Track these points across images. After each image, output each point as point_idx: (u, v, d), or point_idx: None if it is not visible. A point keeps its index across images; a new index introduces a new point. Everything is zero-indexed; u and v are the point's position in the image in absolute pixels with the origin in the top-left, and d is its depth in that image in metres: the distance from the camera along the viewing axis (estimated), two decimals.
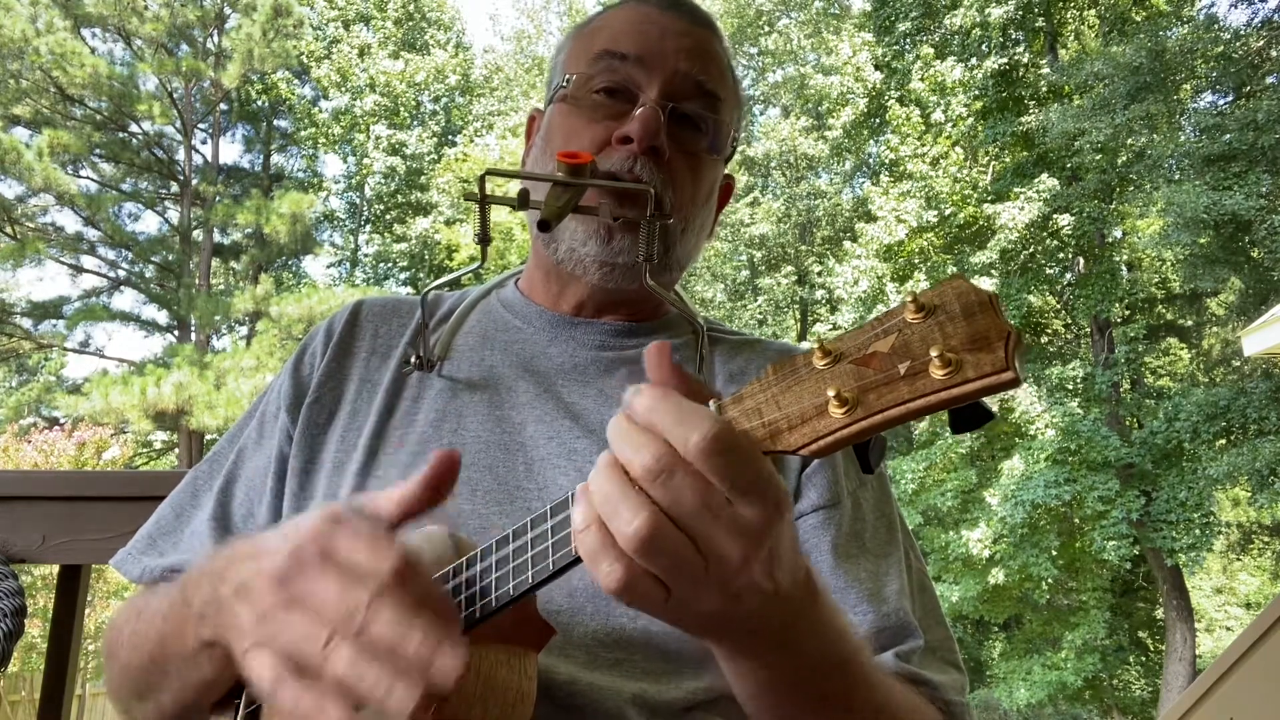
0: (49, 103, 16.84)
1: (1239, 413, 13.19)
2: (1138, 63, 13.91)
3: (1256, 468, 12.44)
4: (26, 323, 18.19)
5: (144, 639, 0.81)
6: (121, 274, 18.68)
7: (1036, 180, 15.05)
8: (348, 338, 1.08)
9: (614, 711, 0.79)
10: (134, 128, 18.10)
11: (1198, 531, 13.51)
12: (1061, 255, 16.04)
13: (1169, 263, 16.49)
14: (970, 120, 16.34)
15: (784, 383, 0.55)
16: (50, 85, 16.42)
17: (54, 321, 18.25)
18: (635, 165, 0.96)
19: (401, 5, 22.87)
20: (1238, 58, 14.02)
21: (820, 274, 18.60)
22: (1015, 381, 0.48)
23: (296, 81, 21.69)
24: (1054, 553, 13.95)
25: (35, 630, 8.87)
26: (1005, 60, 16.08)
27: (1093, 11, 17.59)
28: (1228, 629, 20.67)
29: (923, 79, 16.36)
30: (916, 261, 16.22)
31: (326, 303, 16.09)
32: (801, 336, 20.00)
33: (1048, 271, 16.24)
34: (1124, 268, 16.55)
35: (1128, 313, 16.38)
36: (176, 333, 18.79)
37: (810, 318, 20.40)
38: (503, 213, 12.91)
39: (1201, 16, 15.08)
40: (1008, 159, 16.98)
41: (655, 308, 1.09)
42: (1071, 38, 18.11)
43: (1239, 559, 21.07)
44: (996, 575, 13.96)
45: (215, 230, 18.87)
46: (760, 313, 19.86)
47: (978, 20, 16.02)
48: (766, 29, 22.60)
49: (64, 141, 16.26)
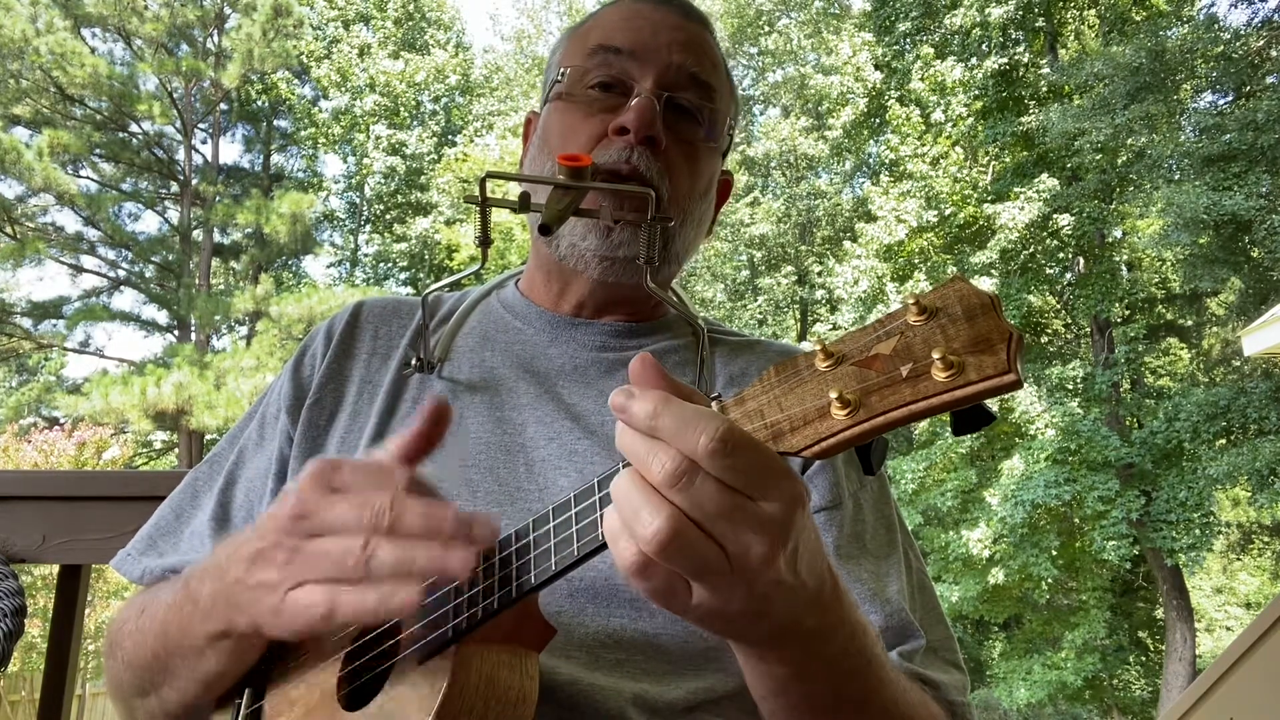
0: (49, 103, 16.84)
1: (1239, 413, 13.18)
2: (1138, 63, 13.90)
3: (1256, 468, 12.44)
4: (26, 323, 18.19)
5: (147, 635, 0.82)
6: (121, 274, 18.68)
7: (1036, 180, 15.05)
8: (348, 339, 1.08)
9: (615, 712, 0.79)
10: (134, 128, 18.11)
11: (1198, 531, 13.50)
12: (1061, 255, 16.04)
13: (1169, 263, 16.48)
14: (970, 120, 16.33)
15: (786, 384, 0.55)
16: (50, 85, 16.42)
17: (54, 321, 18.26)
18: (632, 156, 0.96)
19: (401, 5, 22.86)
20: (1238, 58, 14.00)
21: (820, 274, 18.60)
22: (1017, 384, 0.48)
23: (296, 81, 21.68)
24: (1054, 553, 13.95)
25: (35, 630, 8.88)
26: (1005, 60, 16.07)
27: (1093, 11, 17.59)
28: (1228, 629, 20.67)
29: (923, 79, 16.35)
30: (916, 261, 16.21)
31: (326, 303, 16.08)
32: (801, 336, 19.99)
33: (1048, 271, 16.23)
34: (1124, 268, 16.56)
35: (1128, 313, 16.37)
36: (176, 333, 18.79)
37: (810, 318, 20.39)
38: (503, 213, 12.89)
39: (1201, 16, 15.06)
40: (1008, 159, 16.97)
41: (655, 308, 1.09)
42: (1071, 38, 18.10)
43: (1239, 559, 21.07)
44: (996, 575, 13.97)
45: (215, 230, 18.88)
46: (760, 313, 19.84)
47: (978, 20, 16.02)
48: (766, 29, 22.58)
49: (64, 141, 16.26)
